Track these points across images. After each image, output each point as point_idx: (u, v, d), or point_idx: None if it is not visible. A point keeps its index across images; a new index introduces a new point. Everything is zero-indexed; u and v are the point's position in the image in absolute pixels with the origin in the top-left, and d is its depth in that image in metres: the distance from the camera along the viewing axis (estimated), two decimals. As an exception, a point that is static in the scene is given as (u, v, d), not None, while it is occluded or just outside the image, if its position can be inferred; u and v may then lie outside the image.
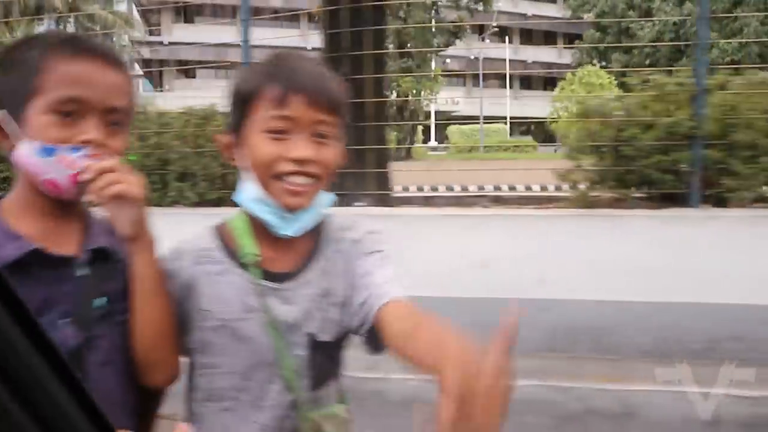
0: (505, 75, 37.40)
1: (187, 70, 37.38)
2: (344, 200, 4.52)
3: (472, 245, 4.31)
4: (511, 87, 41.49)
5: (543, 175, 6.10)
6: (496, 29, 36.91)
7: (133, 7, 36.23)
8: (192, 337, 1.12)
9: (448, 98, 37.11)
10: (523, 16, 42.12)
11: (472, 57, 39.56)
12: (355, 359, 1.32)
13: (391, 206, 4.74)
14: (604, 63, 27.41)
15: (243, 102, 1.06)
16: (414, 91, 22.22)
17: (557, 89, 25.53)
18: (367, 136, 4.58)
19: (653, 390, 3.88)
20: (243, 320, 1.08)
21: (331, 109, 1.06)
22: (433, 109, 33.11)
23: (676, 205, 4.34)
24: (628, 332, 4.11)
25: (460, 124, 33.62)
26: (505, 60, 40.15)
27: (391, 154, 5.13)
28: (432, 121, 35.31)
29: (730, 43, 20.23)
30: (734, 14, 20.11)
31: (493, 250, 4.24)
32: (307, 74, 1.05)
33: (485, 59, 40.55)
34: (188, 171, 5.16)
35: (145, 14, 37.08)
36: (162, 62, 37.06)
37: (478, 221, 4.57)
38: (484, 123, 34.70)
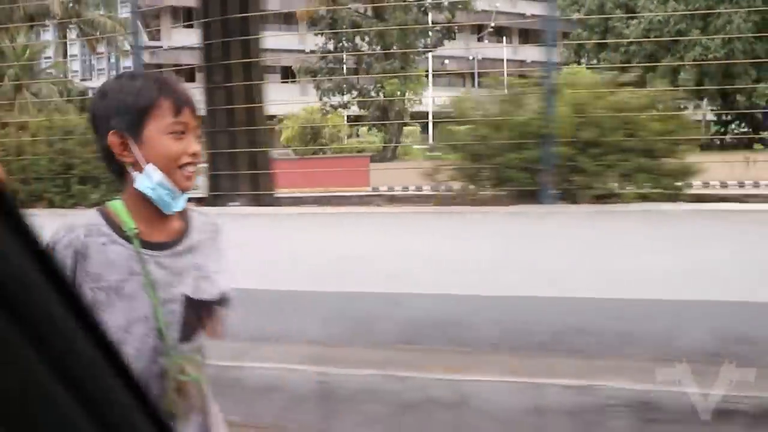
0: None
1: (187, 74, 37.85)
2: (221, 200, 4.77)
3: (339, 242, 4.53)
4: (510, 86, 41.35)
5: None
6: (491, 29, 36.95)
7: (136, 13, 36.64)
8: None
9: (446, 98, 37.11)
10: (522, 15, 42.07)
11: (470, 57, 39.60)
12: (221, 349, 1.64)
13: (272, 206, 4.97)
14: (596, 62, 27.38)
15: (141, 111, 1.39)
16: (399, 93, 22.40)
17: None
18: (239, 140, 4.84)
19: (493, 381, 4.06)
20: (126, 281, 1.40)
21: (198, 116, 1.50)
22: (430, 109, 33.21)
23: (532, 202, 4.51)
24: (477, 325, 4.29)
25: (451, 123, 33.58)
26: (505, 60, 40.15)
27: (267, 156, 5.36)
28: (430, 120, 35.40)
29: (713, 39, 20.18)
30: (714, 11, 20.08)
31: (357, 246, 4.45)
32: (185, 90, 1.45)
33: (486, 59, 40.59)
34: (90, 175, 5.43)
35: (145, 19, 37.61)
36: (161, 66, 37.55)
37: (353, 219, 4.79)
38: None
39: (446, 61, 40.23)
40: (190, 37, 36.80)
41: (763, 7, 19.45)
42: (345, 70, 25.11)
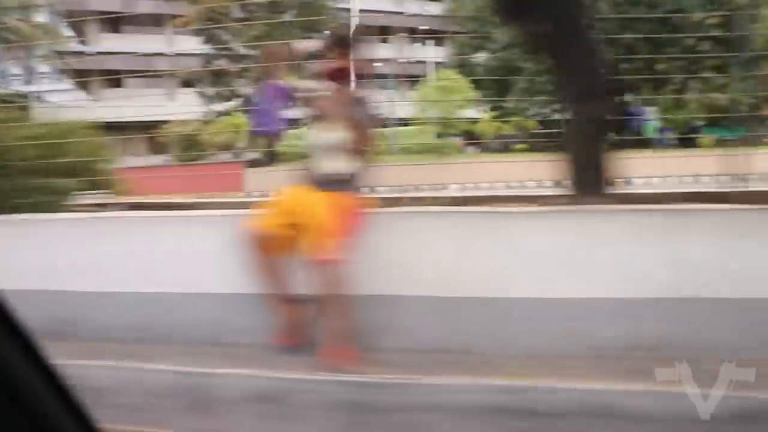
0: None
1: (116, 79, 38.19)
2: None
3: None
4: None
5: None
6: (405, 35, 37.28)
7: (59, 18, 36.96)
8: None
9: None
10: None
11: (404, 60, 39.95)
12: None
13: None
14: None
15: None
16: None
17: (414, 91, 25.82)
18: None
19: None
20: None
21: None
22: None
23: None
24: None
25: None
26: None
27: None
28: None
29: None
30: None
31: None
32: None
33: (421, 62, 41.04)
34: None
35: (75, 24, 37.85)
36: (89, 72, 37.71)
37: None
38: (408, 125, 35.28)
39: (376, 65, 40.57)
40: (118, 42, 37.11)
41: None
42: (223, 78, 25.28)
